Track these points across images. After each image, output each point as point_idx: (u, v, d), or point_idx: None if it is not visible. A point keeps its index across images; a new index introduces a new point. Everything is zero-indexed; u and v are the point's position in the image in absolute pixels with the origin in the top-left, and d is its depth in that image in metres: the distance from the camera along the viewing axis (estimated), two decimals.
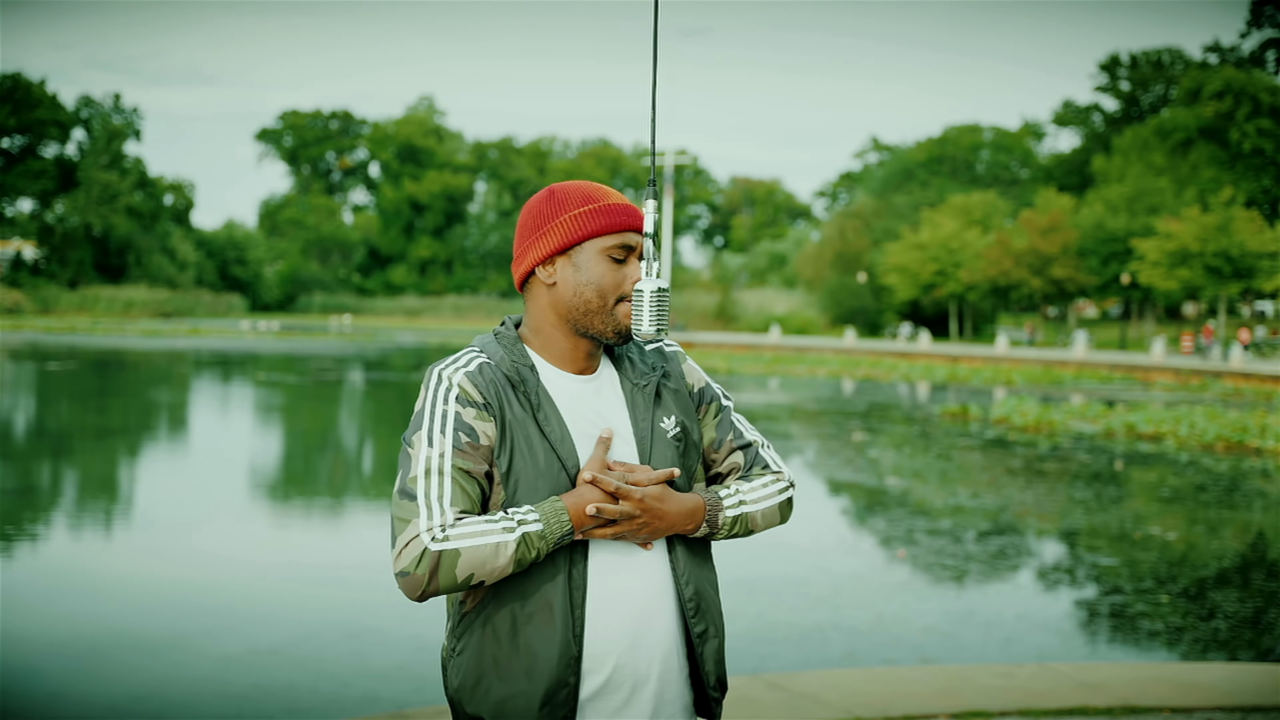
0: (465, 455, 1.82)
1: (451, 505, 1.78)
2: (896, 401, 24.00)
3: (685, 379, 2.04)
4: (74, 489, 11.59)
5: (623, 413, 1.95)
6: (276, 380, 27.27)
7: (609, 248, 1.91)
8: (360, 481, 12.78)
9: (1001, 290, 55.43)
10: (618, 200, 1.93)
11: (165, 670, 5.64)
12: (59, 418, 18.44)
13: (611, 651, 1.85)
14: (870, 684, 4.96)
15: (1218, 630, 6.92)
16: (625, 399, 1.97)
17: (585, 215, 1.91)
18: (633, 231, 1.93)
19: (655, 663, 1.87)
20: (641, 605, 1.87)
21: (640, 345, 2.03)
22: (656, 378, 1.98)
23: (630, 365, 1.99)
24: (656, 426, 1.95)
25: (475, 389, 1.85)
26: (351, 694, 5.32)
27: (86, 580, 7.51)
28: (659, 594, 1.89)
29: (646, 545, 1.89)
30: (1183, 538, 9.76)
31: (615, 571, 1.87)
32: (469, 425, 1.83)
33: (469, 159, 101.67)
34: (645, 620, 1.87)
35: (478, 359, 1.90)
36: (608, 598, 1.86)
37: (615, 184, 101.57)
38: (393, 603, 6.92)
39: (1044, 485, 12.31)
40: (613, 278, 1.91)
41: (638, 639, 1.86)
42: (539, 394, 1.88)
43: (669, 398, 1.99)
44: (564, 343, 1.94)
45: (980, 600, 7.47)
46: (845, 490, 12.16)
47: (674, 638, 1.90)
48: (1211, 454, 15.33)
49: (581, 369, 1.95)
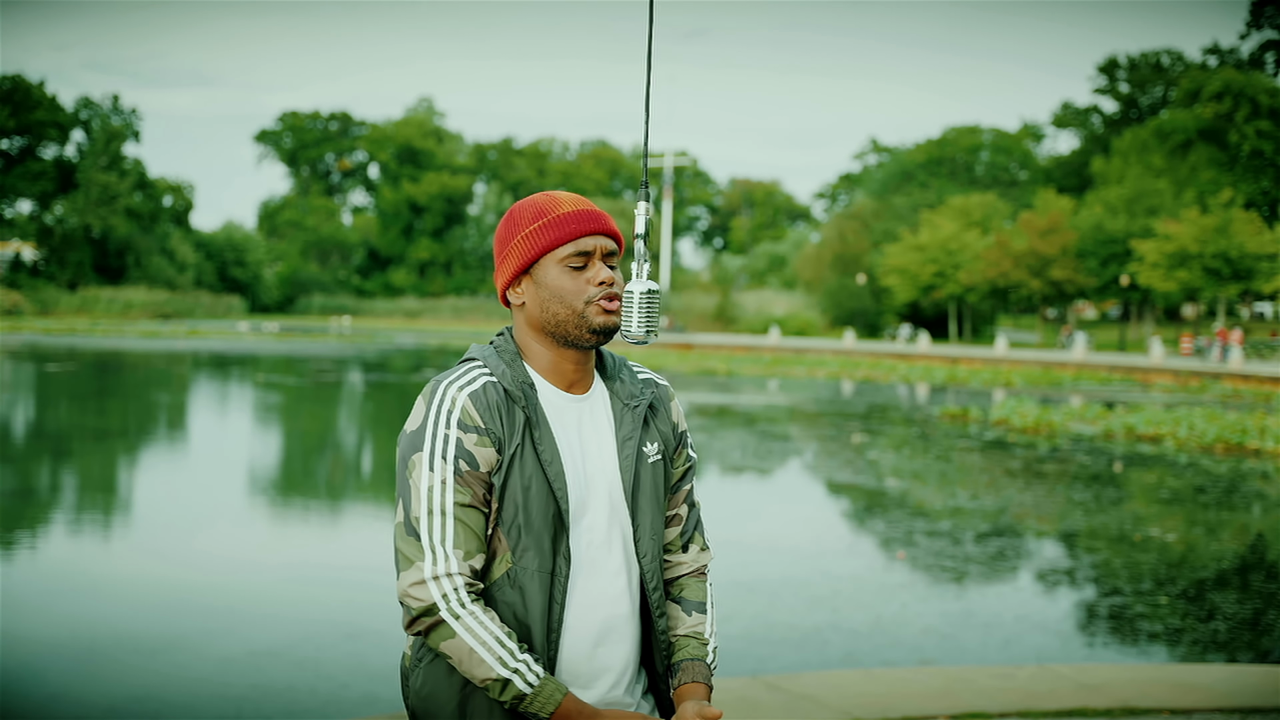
0: (465, 483, 1.85)
1: (455, 548, 1.84)
2: (896, 403, 24.00)
3: (671, 416, 2.06)
4: (73, 490, 11.59)
5: (610, 432, 1.98)
6: (276, 382, 27.26)
7: (565, 258, 1.91)
8: (359, 483, 12.78)
9: (1001, 292, 55.44)
10: (570, 209, 1.93)
11: (164, 671, 5.63)
12: (58, 419, 18.44)
13: (572, 665, 1.91)
14: (869, 685, 4.96)
15: (1217, 632, 6.92)
16: (615, 418, 1.98)
17: (535, 233, 1.92)
18: (588, 236, 1.92)
19: (612, 676, 1.94)
20: (608, 618, 1.93)
21: (631, 368, 2.05)
22: (646, 400, 2.00)
23: (621, 385, 2.01)
24: (641, 450, 1.98)
25: (477, 412, 1.87)
26: (350, 695, 5.32)
27: (86, 581, 7.51)
28: (628, 607, 1.96)
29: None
30: (1182, 539, 9.76)
31: (592, 589, 1.93)
32: (469, 452, 1.86)
33: (468, 160, 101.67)
34: (607, 636, 1.93)
35: (483, 376, 1.91)
36: (580, 610, 1.92)
37: (614, 185, 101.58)
38: (391, 604, 6.91)
39: (1043, 487, 12.31)
40: (573, 285, 1.90)
41: (595, 655, 1.92)
42: (537, 412, 1.90)
43: (655, 424, 2.02)
44: (550, 355, 1.95)
45: (979, 602, 7.47)
46: (844, 492, 12.16)
47: (634, 647, 1.97)
48: (1211, 455, 15.33)
49: (571, 383, 1.96)
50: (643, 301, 1.88)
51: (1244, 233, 45.63)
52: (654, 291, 1.88)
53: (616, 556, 1.95)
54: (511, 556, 1.88)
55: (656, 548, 1.98)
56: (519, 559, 1.87)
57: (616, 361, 2.05)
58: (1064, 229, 52.76)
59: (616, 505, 1.95)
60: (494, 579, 1.89)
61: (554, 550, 1.88)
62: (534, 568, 1.88)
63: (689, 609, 2.05)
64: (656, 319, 1.89)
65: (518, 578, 1.88)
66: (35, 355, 33.10)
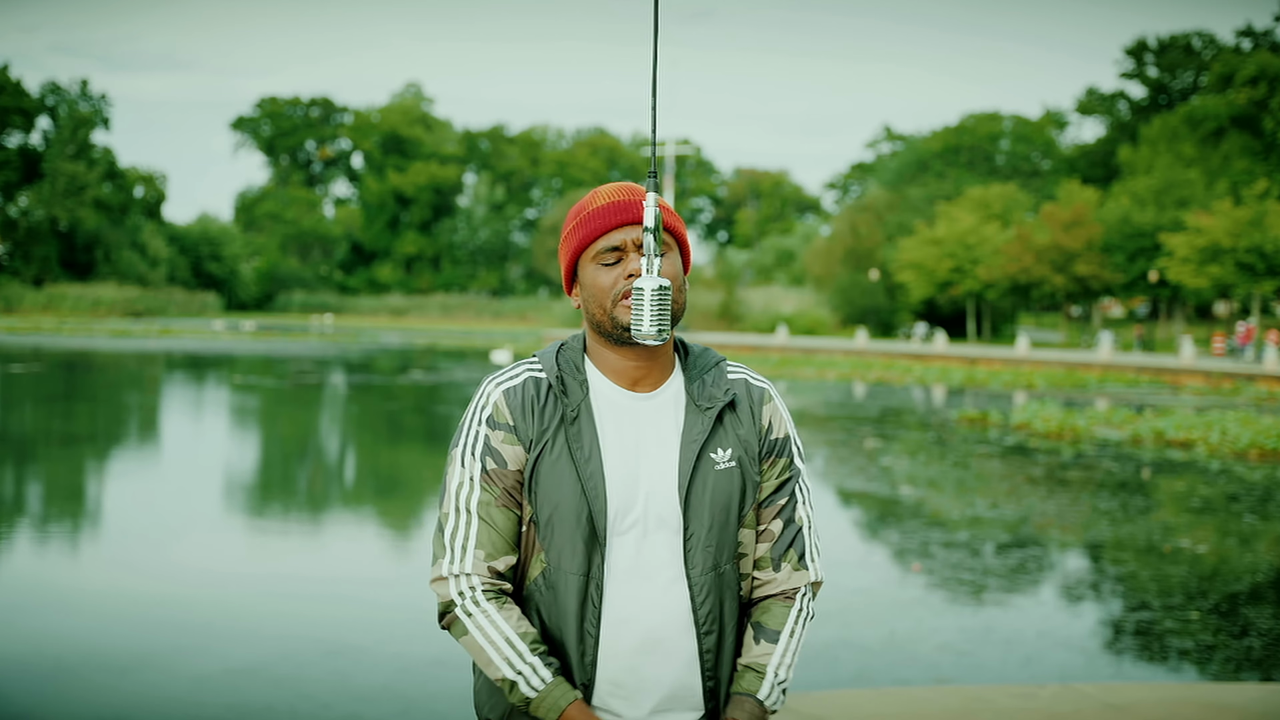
0: (492, 481, 1.94)
1: (477, 548, 1.93)
2: (911, 406, 24.02)
3: (761, 419, 2.04)
4: (39, 499, 11.59)
5: (675, 435, 1.98)
6: (253, 384, 27.28)
7: (597, 255, 1.97)
8: (342, 492, 12.79)
9: (1022, 288, 55.47)
10: (603, 202, 1.97)
11: (135, 690, 5.64)
12: (23, 423, 18.45)
13: (614, 675, 1.92)
14: (883, 705, 4.97)
15: (1251, 649, 6.92)
16: (685, 419, 1.99)
17: (571, 233, 2.00)
18: (616, 230, 1.95)
19: (662, 687, 1.93)
20: (651, 628, 1.93)
21: (724, 368, 2.05)
22: (723, 402, 2.00)
23: (702, 385, 2.01)
24: (706, 456, 1.97)
25: (507, 408, 1.95)
26: (332, 715, 5.32)
27: (52, 595, 7.51)
28: (674, 619, 1.94)
29: None
30: (1214, 551, 9.77)
31: (632, 595, 1.93)
32: (495, 450, 1.94)
33: (458, 149, 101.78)
34: (654, 647, 1.93)
35: (526, 372, 1.99)
36: (621, 618, 1.93)
37: (612, 175, 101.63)
38: (376, 619, 6.92)
39: (1067, 495, 12.32)
40: (605, 281, 1.95)
41: (643, 662, 1.92)
42: (580, 408, 1.95)
43: (731, 428, 2.01)
44: (610, 354, 1.99)
45: (999, 617, 7.48)
46: (856, 500, 12.17)
47: (687, 663, 1.95)
48: (1244, 462, 15.34)
49: (635, 381, 1.99)
50: (654, 298, 1.89)
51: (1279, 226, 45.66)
52: (665, 288, 1.90)
53: (669, 569, 1.94)
54: (545, 556, 1.93)
55: (714, 559, 1.96)
56: (553, 559, 1.92)
57: (707, 359, 2.05)
58: (1089, 222, 52.78)
59: (670, 512, 1.95)
60: (532, 578, 1.95)
61: (588, 552, 1.91)
62: (567, 569, 1.91)
63: (759, 635, 2.01)
64: (668, 316, 1.90)
65: (551, 578, 1.93)
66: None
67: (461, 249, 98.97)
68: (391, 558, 9.29)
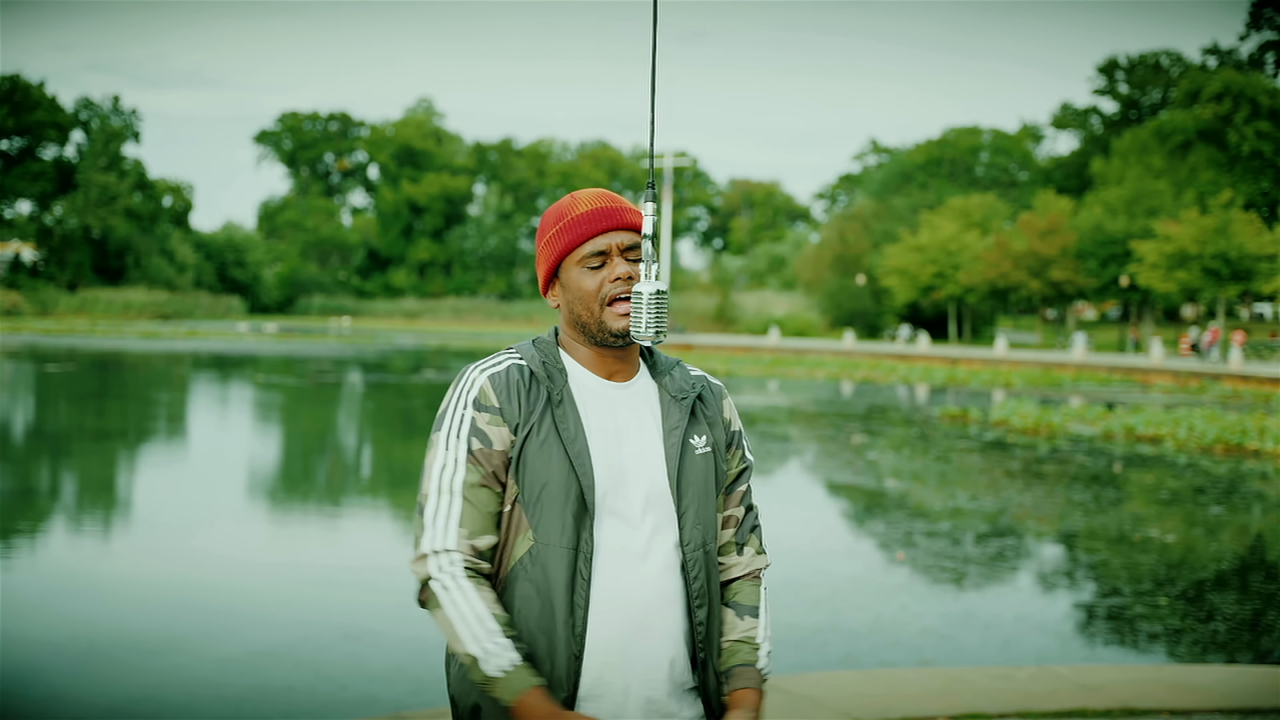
0: (476, 462, 1.88)
1: (460, 526, 1.87)
2: (895, 404, 24.00)
3: (723, 413, 2.07)
4: (73, 491, 11.59)
5: (655, 423, 1.98)
6: (275, 382, 27.26)
7: (583, 259, 1.95)
8: (358, 484, 12.78)
9: (1000, 292, 55.45)
10: (585, 208, 1.95)
11: (163, 672, 5.63)
12: (58, 420, 18.44)
13: (605, 652, 1.87)
14: (869, 686, 4.96)
15: (1216, 632, 6.92)
16: (661, 409, 1.99)
17: (554, 237, 1.97)
18: (602, 235, 1.94)
19: (651, 668, 1.89)
20: (642, 605, 1.89)
21: (685, 367, 2.07)
22: (694, 394, 2.01)
23: (671, 380, 2.02)
24: (687, 442, 1.98)
25: (493, 391, 1.91)
26: (349, 696, 5.32)
27: (85, 581, 7.51)
28: (665, 596, 1.92)
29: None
30: (1181, 540, 9.76)
31: (622, 573, 1.89)
32: (481, 430, 1.89)
33: (468, 161, 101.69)
34: (644, 623, 1.89)
35: (509, 360, 1.96)
36: (610, 595, 1.88)
37: (614, 186, 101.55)
38: (391, 605, 6.92)
39: (1043, 487, 12.31)
40: (591, 285, 1.94)
41: (632, 642, 1.88)
42: (563, 393, 1.92)
43: (704, 418, 2.03)
44: (588, 351, 1.98)
45: (979, 602, 7.47)
46: (844, 493, 12.16)
47: (677, 638, 1.92)
48: (1210, 456, 15.33)
49: (612, 373, 1.99)
50: (652, 302, 1.88)
51: (1243, 233, 45.59)
52: (662, 292, 1.89)
53: (659, 547, 1.92)
54: (534, 534, 1.88)
55: (702, 538, 1.96)
56: (541, 535, 1.88)
57: (668, 359, 2.07)
58: (1063, 230, 52.76)
59: (659, 494, 1.93)
60: (518, 557, 1.89)
61: (577, 527, 1.88)
62: (556, 544, 1.87)
63: (741, 613, 2.05)
64: (665, 320, 1.89)
65: (540, 554, 1.87)
66: (35, 356, 33.09)
67: (472, 255, 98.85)
68: (405, 546, 9.28)
